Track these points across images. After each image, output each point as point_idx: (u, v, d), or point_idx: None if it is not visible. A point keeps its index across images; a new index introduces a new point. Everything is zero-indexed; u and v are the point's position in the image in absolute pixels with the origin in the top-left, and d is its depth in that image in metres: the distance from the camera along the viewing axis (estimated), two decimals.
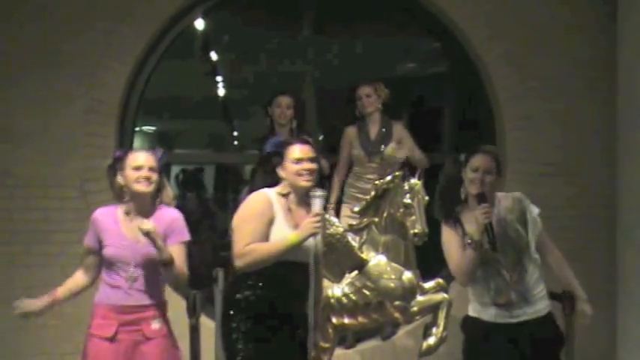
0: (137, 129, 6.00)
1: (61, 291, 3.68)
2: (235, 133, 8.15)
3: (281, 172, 3.57)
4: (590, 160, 5.83)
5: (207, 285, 4.34)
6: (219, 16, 6.17)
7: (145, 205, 3.61)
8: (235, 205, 4.55)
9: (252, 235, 3.45)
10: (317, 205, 3.43)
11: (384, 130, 5.39)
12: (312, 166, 3.54)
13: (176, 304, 4.96)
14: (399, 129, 5.47)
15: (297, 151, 3.54)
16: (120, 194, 3.64)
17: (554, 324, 3.65)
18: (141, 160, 3.58)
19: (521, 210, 3.63)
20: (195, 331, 3.97)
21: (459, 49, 5.90)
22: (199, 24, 6.12)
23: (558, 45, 5.85)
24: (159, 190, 3.67)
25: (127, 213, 3.60)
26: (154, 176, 3.59)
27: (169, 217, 3.64)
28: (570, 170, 5.74)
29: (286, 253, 3.43)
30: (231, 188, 6.87)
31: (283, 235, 3.45)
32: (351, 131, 5.47)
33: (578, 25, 5.86)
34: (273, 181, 3.61)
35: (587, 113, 5.84)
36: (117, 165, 3.63)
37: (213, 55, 7.01)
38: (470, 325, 3.71)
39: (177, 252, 3.56)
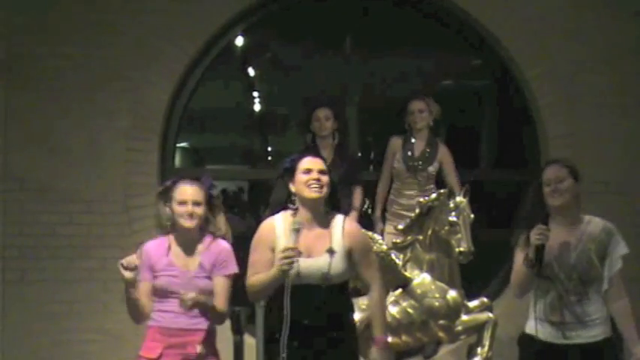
0: (179, 145, 6.02)
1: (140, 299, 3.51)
2: (269, 149, 8.14)
3: (292, 187, 3.45)
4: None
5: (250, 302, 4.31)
6: (260, 33, 6.19)
7: (190, 237, 3.59)
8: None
9: (255, 265, 3.41)
10: (291, 238, 3.26)
11: (428, 149, 5.30)
12: (322, 177, 3.38)
13: None
14: (443, 150, 5.37)
15: (307, 162, 3.42)
16: (164, 224, 3.62)
17: (611, 351, 3.52)
18: (186, 195, 3.55)
19: (606, 242, 3.51)
20: (238, 348, 3.96)
21: (502, 65, 5.87)
22: (240, 41, 6.14)
23: (602, 61, 5.79)
24: (207, 221, 3.62)
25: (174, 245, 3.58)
26: (198, 210, 3.54)
27: (218, 248, 3.59)
28: (619, 188, 5.64)
29: (275, 283, 3.28)
30: (264, 204, 6.84)
31: None
32: (396, 142, 5.38)
33: (622, 42, 5.81)
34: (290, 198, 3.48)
35: (633, 129, 5.77)
36: (166, 194, 3.60)
37: (252, 72, 7.03)
38: (525, 342, 3.63)
39: (221, 285, 3.53)
